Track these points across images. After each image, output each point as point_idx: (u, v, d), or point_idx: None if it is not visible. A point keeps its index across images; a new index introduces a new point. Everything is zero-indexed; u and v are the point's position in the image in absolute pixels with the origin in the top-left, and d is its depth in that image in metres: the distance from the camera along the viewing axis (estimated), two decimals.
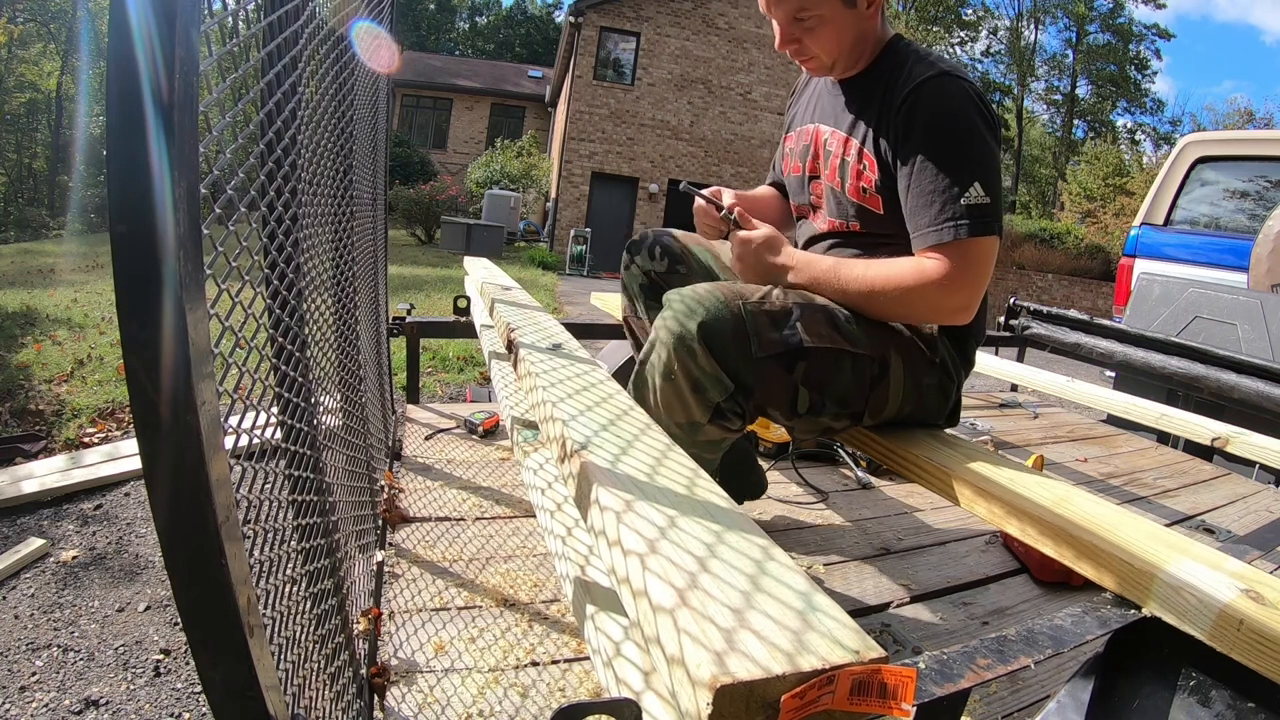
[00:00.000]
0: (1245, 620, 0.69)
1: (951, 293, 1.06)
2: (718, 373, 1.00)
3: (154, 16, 0.33)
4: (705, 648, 0.35)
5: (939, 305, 1.08)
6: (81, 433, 3.32)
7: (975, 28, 26.89)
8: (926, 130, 1.06)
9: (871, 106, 1.15)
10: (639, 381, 1.07)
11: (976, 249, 1.05)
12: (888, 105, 1.11)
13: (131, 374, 0.35)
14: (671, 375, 1.01)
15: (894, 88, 1.10)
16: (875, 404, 1.14)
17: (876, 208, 1.17)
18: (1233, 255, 3.66)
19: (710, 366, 0.99)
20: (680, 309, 1.01)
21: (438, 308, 5.92)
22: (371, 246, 1.76)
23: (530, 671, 1.02)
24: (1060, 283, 14.50)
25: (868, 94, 1.17)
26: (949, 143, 1.05)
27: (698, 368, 0.99)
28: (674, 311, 1.02)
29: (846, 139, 1.19)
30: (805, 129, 1.32)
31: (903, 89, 1.08)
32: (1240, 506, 1.99)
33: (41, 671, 1.76)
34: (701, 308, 1.00)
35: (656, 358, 1.02)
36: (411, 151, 17.88)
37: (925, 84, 1.06)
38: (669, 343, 1.00)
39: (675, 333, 1.00)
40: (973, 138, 1.05)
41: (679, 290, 1.05)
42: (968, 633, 1.23)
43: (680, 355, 0.99)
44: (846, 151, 1.19)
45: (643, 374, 1.06)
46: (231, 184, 0.50)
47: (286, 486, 0.67)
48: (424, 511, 1.51)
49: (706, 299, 1.01)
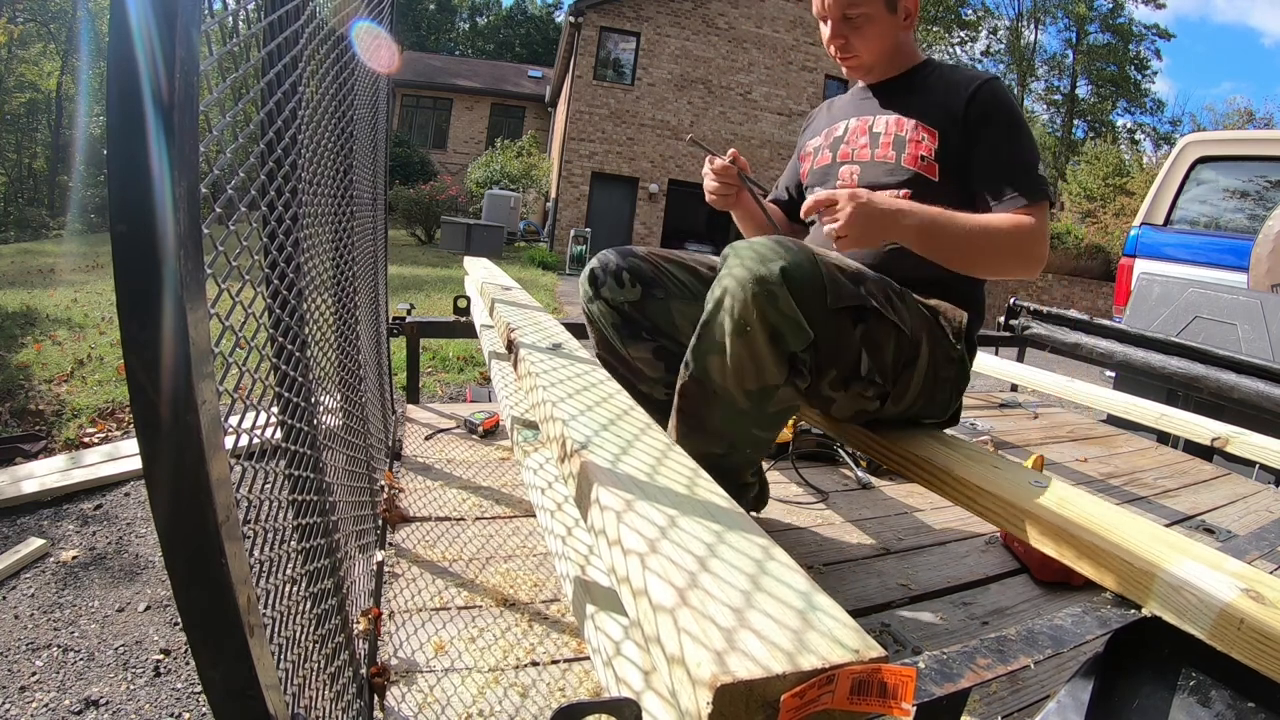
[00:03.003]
0: (1245, 620, 0.69)
1: (1041, 243, 1.18)
2: (798, 317, 0.96)
3: (154, 16, 0.33)
4: (705, 647, 0.35)
5: (1034, 253, 1.17)
6: (81, 433, 3.32)
7: (975, 28, 26.89)
8: (1000, 112, 1.21)
9: (923, 97, 1.27)
10: (703, 347, 1.02)
11: (1045, 212, 1.20)
12: (948, 95, 1.23)
13: (131, 374, 0.35)
14: (747, 328, 0.96)
15: (953, 85, 1.24)
16: (899, 389, 1.15)
17: (933, 174, 1.23)
18: (1233, 255, 3.66)
19: (791, 309, 0.96)
20: (753, 255, 0.97)
21: (438, 308, 5.92)
22: (371, 246, 1.76)
23: (530, 671, 1.02)
24: (1060, 283, 14.49)
25: (913, 91, 1.29)
26: (1022, 127, 1.22)
27: (778, 312, 0.95)
28: (745, 259, 0.97)
29: (900, 119, 1.28)
30: (835, 125, 1.39)
31: (968, 84, 1.23)
32: (1240, 506, 1.98)
33: (41, 671, 1.76)
34: (777, 253, 0.97)
35: (728, 312, 0.97)
36: (411, 151, 17.87)
37: (991, 81, 1.23)
38: (747, 289, 0.95)
39: (756, 275, 0.95)
40: (1029, 129, 1.25)
41: (737, 245, 1.02)
42: (968, 633, 1.23)
43: (760, 301, 0.95)
44: (900, 129, 1.27)
45: (709, 335, 1.01)
46: (232, 184, 0.50)
47: (286, 486, 0.67)
48: (424, 511, 1.51)
49: (779, 247, 0.98)
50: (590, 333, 1.43)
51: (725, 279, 0.99)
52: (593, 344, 1.43)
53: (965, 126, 1.21)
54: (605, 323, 1.36)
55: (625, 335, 1.35)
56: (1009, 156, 1.20)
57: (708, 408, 1.06)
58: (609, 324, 1.36)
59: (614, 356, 1.39)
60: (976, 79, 1.24)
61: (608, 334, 1.37)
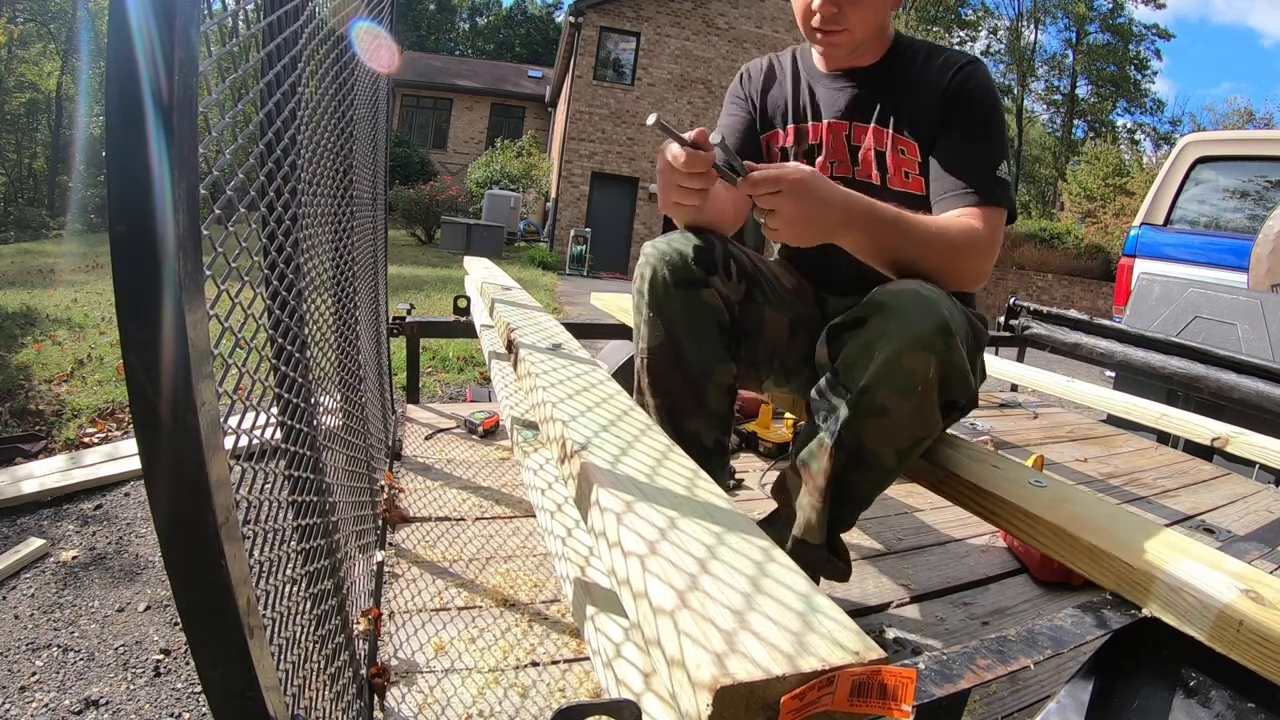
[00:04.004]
0: (1245, 620, 0.69)
1: (986, 254, 1.05)
2: (966, 367, 0.92)
3: (154, 16, 0.33)
4: (705, 649, 0.35)
5: (978, 268, 1.05)
6: (81, 433, 3.32)
7: (975, 28, 26.88)
8: (972, 105, 1.08)
9: (900, 90, 1.14)
10: (866, 409, 0.90)
11: (1001, 220, 1.07)
12: (926, 84, 1.11)
13: (131, 375, 0.35)
14: (919, 387, 0.88)
15: (929, 71, 1.11)
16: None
17: (919, 189, 1.13)
18: (1233, 255, 3.66)
19: (961, 360, 0.90)
20: (917, 300, 0.88)
21: (438, 308, 5.92)
22: (371, 246, 1.76)
23: (530, 672, 1.02)
24: (1060, 283, 14.49)
25: (891, 86, 1.15)
26: (991, 121, 1.09)
27: (951, 365, 0.89)
28: (911, 312, 0.88)
29: (878, 130, 1.15)
30: (805, 125, 1.22)
31: (947, 69, 1.10)
32: (1240, 506, 1.98)
33: (41, 671, 1.76)
34: (938, 295, 0.89)
35: (904, 373, 0.87)
36: (411, 151, 17.87)
37: (969, 66, 1.10)
38: (926, 342, 0.87)
39: (938, 327, 0.87)
40: (1003, 123, 1.12)
41: (893, 296, 0.91)
42: (968, 633, 1.23)
43: (941, 354, 0.87)
44: (880, 142, 1.15)
45: (872, 402, 0.90)
46: (231, 184, 0.50)
47: (286, 487, 0.67)
48: (424, 511, 1.51)
49: (935, 293, 0.90)
50: (652, 331, 1.05)
51: (892, 337, 0.88)
52: (644, 346, 1.07)
53: (941, 115, 1.10)
54: (702, 323, 1.04)
55: (724, 345, 1.07)
56: (972, 149, 1.08)
57: (862, 478, 0.98)
58: (710, 324, 1.04)
59: (681, 372, 1.05)
60: (952, 67, 1.10)
61: (701, 340, 1.04)
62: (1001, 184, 1.06)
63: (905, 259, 1.01)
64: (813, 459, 0.97)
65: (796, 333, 1.21)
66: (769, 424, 2.09)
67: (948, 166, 1.08)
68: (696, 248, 1.05)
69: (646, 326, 1.06)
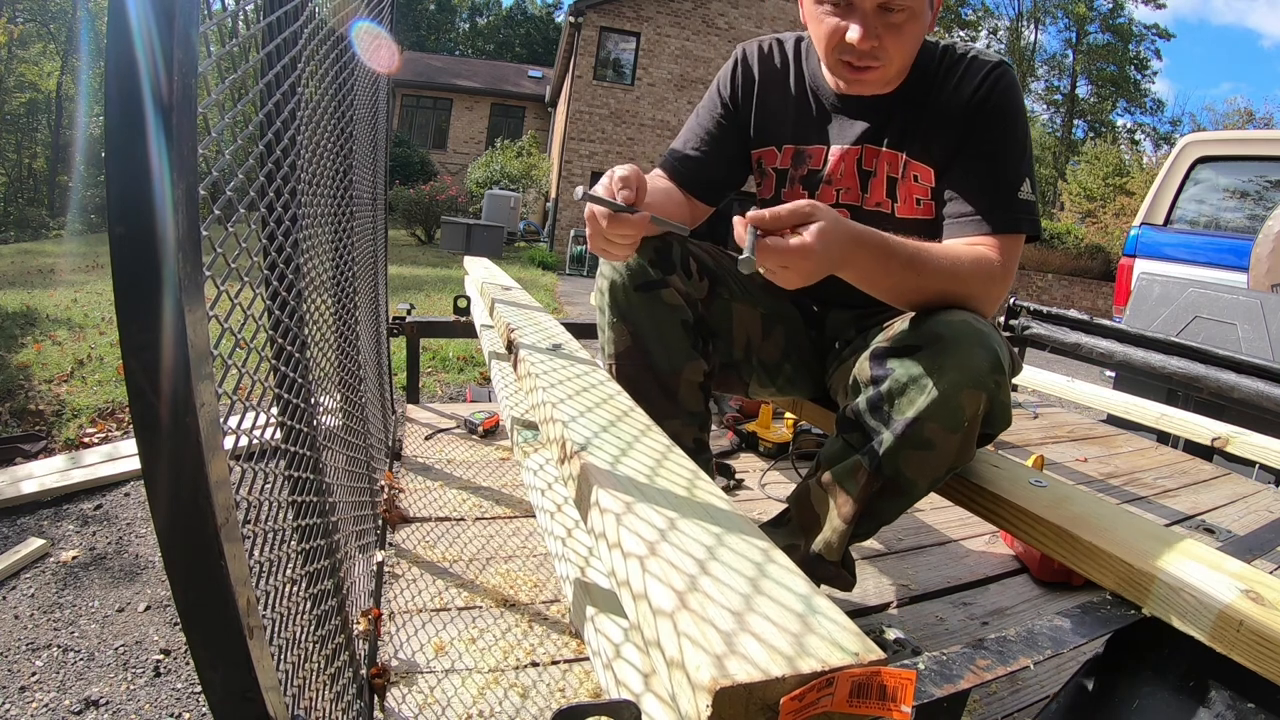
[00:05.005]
0: (1245, 621, 0.69)
1: (1001, 283, 0.98)
2: (1008, 400, 0.90)
3: (153, 16, 0.33)
4: (705, 650, 0.35)
5: (992, 298, 0.98)
6: (81, 433, 3.31)
7: (975, 27, 26.91)
8: (995, 119, 1.00)
9: (920, 111, 1.04)
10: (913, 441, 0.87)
11: (1018, 245, 1.01)
12: (948, 101, 1.02)
13: (131, 376, 0.35)
14: (966, 423, 0.86)
15: (950, 84, 1.02)
16: None
17: (928, 214, 1.07)
18: (1233, 255, 3.66)
19: (1007, 394, 0.89)
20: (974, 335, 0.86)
21: (438, 308, 5.91)
22: (371, 246, 1.76)
23: (530, 672, 1.02)
24: (1060, 283, 14.50)
25: (911, 103, 1.05)
26: (1015, 135, 1.00)
27: (1000, 402, 0.88)
28: (969, 343, 0.85)
29: (892, 155, 1.06)
30: (803, 150, 1.13)
31: (971, 78, 1.01)
32: (1240, 506, 1.98)
33: (41, 671, 1.76)
34: (989, 330, 0.87)
35: (953, 409, 0.85)
36: (411, 151, 17.87)
37: (995, 71, 1.01)
38: (981, 380, 0.84)
39: (993, 365, 0.85)
40: (1027, 135, 1.02)
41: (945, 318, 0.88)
42: (968, 633, 1.23)
43: (991, 393, 0.86)
44: (894, 168, 1.07)
45: (919, 434, 0.87)
46: (231, 185, 0.50)
47: (286, 487, 0.67)
48: (424, 511, 1.51)
49: (983, 320, 0.89)
50: (617, 337, 1.06)
51: (948, 372, 0.84)
52: (611, 353, 1.08)
53: (961, 133, 1.01)
54: (665, 323, 1.04)
55: (691, 344, 1.06)
56: (992, 169, 1.00)
57: (893, 503, 0.97)
58: (674, 324, 1.04)
59: (651, 374, 1.05)
60: (976, 75, 1.01)
61: (666, 340, 1.04)
62: (1023, 207, 0.99)
63: (916, 293, 0.96)
64: (847, 481, 0.94)
65: (771, 326, 1.18)
66: (769, 424, 2.09)
67: (967, 186, 1.01)
68: (653, 249, 1.04)
69: (612, 332, 1.06)
